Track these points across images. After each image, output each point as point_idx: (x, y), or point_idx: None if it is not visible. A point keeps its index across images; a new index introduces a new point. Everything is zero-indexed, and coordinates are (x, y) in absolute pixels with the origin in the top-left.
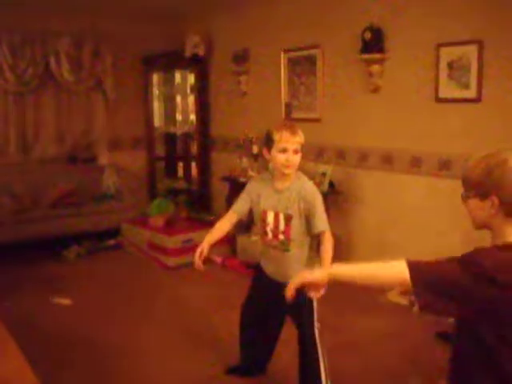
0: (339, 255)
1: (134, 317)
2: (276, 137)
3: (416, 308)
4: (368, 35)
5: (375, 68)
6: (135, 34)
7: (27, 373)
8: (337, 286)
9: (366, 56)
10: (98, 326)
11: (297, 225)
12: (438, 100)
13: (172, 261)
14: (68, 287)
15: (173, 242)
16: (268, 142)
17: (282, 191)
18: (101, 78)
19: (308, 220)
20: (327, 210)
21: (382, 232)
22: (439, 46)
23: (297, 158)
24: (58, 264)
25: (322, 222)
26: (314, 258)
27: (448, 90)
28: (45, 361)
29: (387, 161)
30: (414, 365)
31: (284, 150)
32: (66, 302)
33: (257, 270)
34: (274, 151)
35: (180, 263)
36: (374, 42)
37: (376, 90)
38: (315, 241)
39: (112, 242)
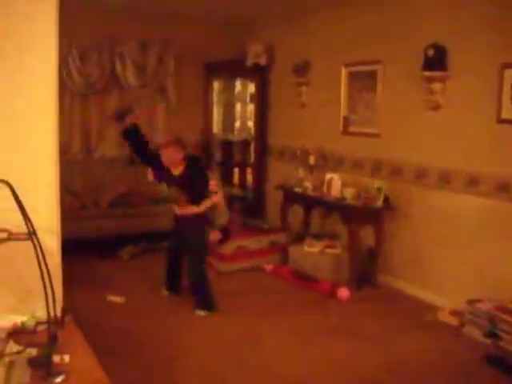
0: (390, 271)
1: (181, 317)
2: None
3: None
4: (431, 52)
5: (436, 85)
6: (198, 40)
7: (96, 366)
8: (382, 303)
9: (428, 73)
10: (147, 323)
11: None
12: (500, 121)
13: (225, 266)
14: (122, 286)
15: (227, 247)
16: None
17: None
18: (163, 83)
19: None
20: (382, 224)
21: (433, 251)
22: (504, 66)
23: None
24: (113, 263)
25: None
26: None
27: (511, 111)
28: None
29: (444, 179)
30: None
31: None
32: (119, 300)
33: None
34: None
35: (232, 269)
36: (436, 60)
37: (436, 107)
38: None
39: (165, 244)
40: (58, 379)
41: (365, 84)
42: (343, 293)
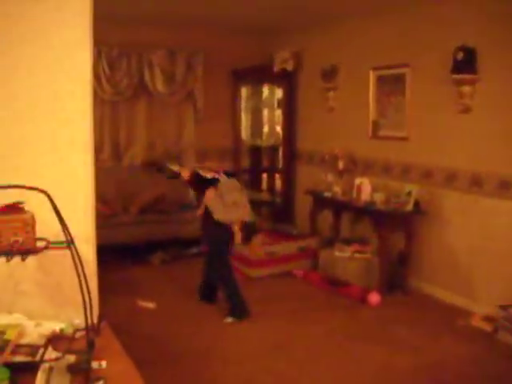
0: (420, 276)
1: (213, 324)
2: None
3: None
4: (460, 55)
5: (466, 89)
6: (226, 47)
7: (133, 371)
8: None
9: (457, 76)
10: (178, 330)
11: None
12: None
13: (254, 272)
14: (152, 291)
15: (255, 253)
16: None
17: None
18: (192, 90)
19: None
20: (413, 228)
21: (465, 255)
22: None
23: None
24: (144, 268)
25: None
26: None
27: None
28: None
29: (475, 183)
30: None
31: None
32: (151, 305)
33: None
34: None
35: (262, 274)
36: (465, 62)
37: (466, 110)
38: None
39: (195, 249)
40: None
41: (393, 88)
42: (374, 298)
